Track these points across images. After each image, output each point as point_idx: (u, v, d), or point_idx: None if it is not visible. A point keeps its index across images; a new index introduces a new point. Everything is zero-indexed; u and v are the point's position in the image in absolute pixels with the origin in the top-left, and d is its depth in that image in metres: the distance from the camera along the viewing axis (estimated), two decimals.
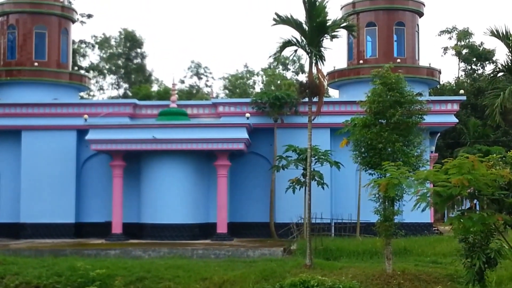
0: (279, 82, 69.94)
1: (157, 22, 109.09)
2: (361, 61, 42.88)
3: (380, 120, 26.01)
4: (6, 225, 38.75)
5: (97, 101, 56.05)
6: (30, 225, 38.02)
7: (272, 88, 66.19)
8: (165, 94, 62.42)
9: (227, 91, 77.53)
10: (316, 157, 34.14)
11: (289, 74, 76.31)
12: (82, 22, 69.39)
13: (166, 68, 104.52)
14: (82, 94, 54.03)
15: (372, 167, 25.90)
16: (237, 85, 76.70)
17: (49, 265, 27.23)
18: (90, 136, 36.39)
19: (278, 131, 37.84)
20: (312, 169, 29.90)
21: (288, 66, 75.99)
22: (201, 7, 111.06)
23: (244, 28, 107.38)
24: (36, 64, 42.90)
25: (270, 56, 29.69)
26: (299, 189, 34.02)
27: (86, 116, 37.28)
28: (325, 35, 28.11)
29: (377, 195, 24.62)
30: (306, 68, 31.76)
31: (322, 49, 28.14)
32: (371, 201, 25.30)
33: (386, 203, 24.98)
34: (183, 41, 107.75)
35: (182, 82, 78.49)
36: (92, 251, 30.86)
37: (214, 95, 66.31)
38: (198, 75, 79.57)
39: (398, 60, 40.95)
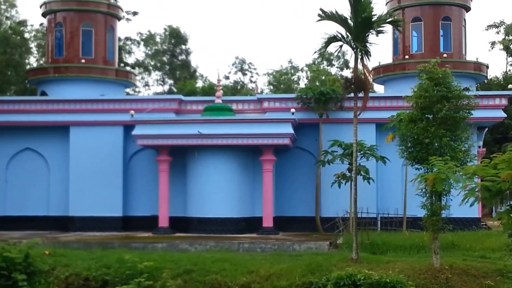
0: (323, 77, 69.81)
1: (202, 18, 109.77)
2: (406, 56, 42.72)
3: (426, 115, 25.87)
4: (56, 218, 39.44)
5: (143, 96, 56.57)
6: (79, 218, 38.64)
7: (317, 83, 66.07)
8: (209, 90, 62.74)
9: (271, 87, 77.62)
10: (361, 152, 34.09)
11: (333, 70, 76.18)
12: (127, 19, 70.19)
13: (210, 64, 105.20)
14: (127, 90, 54.52)
15: (418, 162, 25.80)
16: (281, 81, 76.71)
17: (98, 257, 27.65)
18: (136, 131, 36.82)
19: (323, 126, 37.85)
20: (357, 164, 29.89)
21: (333, 62, 75.82)
22: (245, 2, 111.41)
23: (288, 23, 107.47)
24: (83, 61, 43.54)
25: (315, 52, 29.55)
26: (345, 183, 34.02)
27: (132, 111, 37.67)
28: (371, 30, 27.97)
29: (424, 190, 24.55)
30: (351, 64, 31.70)
31: (368, 44, 28.04)
32: (417, 196, 25.23)
33: (433, 198, 24.87)
34: (227, 37, 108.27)
35: (227, 78, 78.87)
36: (139, 244, 31.23)
37: (259, 90, 66.46)
38: (242, 71, 79.82)
39: (445, 55, 40.71)
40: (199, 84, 73.39)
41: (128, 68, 63.08)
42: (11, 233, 37.35)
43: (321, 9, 28.01)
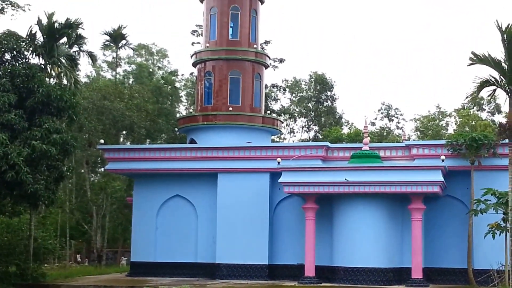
0: (473, 123, 67.67)
1: (347, 64, 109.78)
2: None
3: None
4: (203, 265, 39.79)
5: (290, 144, 56.82)
6: (225, 265, 38.80)
7: (466, 129, 64.11)
8: (355, 136, 62.20)
9: (418, 133, 76.05)
10: None
11: (484, 115, 73.78)
12: (274, 66, 70.92)
13: (356, 110, 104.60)
14: (273, 137, 54.95)
15: None
16: (429, 127, 75.05)
17: None
18: (283, 178, 36.76)
19: (475, 173, 36.42)
20: None
21: (483, 106, 73.46)
22: (390, 49, 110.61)
23: (435, 68, 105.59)
24: (230, 108, 44.26)
25: (467, 97, 28.86)
26: (499, 234, 32.38)
27: (279, 159, 37.71)
28: None
29: None
30: (504, 108, 30.47)
31: None
32: None
33: None
34: (373, 83, 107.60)
35: (373, 124, 77.94)
36: None
37: (406, 137, 65.21)
38: (389, 116, 78.74)
39: None
40: (345, 130, 72.94)
41: (274, 115, 63.61)
42: (160, 279, 38.11)
43: (472, 53, 27.28)
